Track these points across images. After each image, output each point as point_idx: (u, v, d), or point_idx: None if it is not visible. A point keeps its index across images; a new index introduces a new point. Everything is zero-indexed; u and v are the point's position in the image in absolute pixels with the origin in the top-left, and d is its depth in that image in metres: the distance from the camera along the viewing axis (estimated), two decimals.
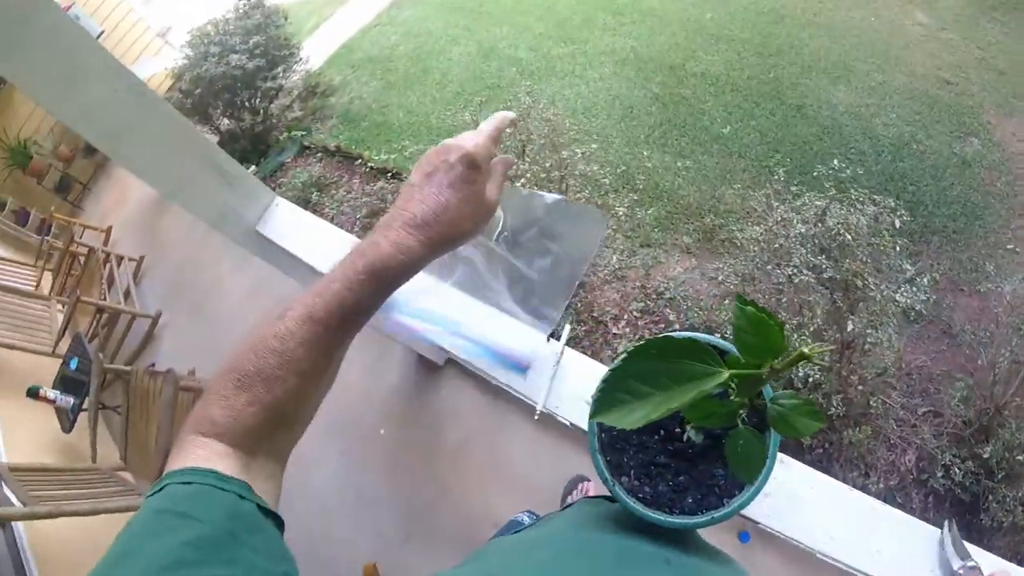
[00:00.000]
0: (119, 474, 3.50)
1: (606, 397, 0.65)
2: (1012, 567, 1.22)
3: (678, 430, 0.82)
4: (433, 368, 3.53)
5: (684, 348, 0.61)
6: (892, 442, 3.57)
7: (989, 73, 5.32)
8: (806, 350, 0.58)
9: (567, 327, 1.64)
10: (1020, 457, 2.97)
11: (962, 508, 3.20)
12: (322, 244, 1.94)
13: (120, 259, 5.25)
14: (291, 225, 2.01)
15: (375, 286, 0.65)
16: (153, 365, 3.64)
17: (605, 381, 0.66)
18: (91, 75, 1.47)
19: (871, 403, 3.50)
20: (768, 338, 0.60)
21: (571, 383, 1.50)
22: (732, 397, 0.67)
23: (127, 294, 4.97)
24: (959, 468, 3.19)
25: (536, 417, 1.52)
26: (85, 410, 3.75)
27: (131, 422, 3.42)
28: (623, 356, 0.65)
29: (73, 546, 3.32)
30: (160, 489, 0.54)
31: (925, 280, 3.50)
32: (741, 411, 0.70)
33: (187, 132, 1.75)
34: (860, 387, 3.50)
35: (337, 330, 0.64)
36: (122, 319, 4.84)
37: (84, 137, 1.58)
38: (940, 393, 3.69)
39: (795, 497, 1.31)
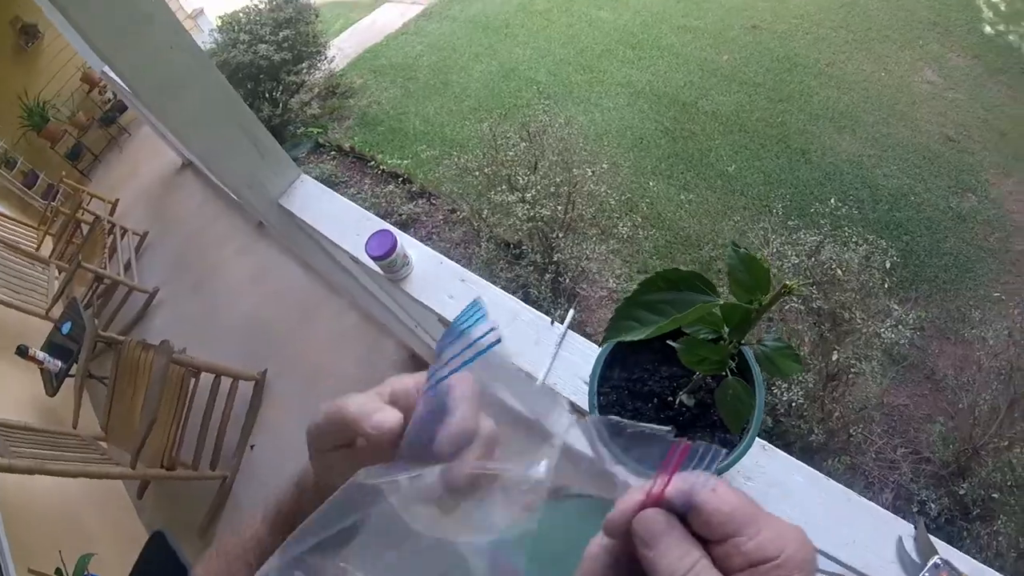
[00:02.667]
0: (99, 443, 3.47)
1: (617, 323, 0.69)
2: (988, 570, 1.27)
3: (671, 398, 0.89)
4: (424, 367, 3.51)
5: (687, 279, 0.68)
6: (870, 479, 3.64)
7: (991, 133, 5.48)
8: (789, 283, 0.66)
9: (571, 312, 1.70)
10: (995, 495, 3.06)
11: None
12: (343, 221, 1.99)
13: (124, 231, 5.26)
14: (314, 201, 2.08)
15: (295, 490, 0.58)
16: (144, 340, 3.69)
17: (617, 311, 0.70)
18: (151, 26, 1.55)
19: (851, 434, 3.58)
20: (757, 275, 0.67)
21: (571, 364, 1.56)
22: (724, 342, 0.74)
23: (127, 267, 4.96)
24: (934, 504, 3.28)
25: None
26: (72, 376, 3.74)
27: (117, 393, 3.37)
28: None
29: (44, 507, 3.30)
30: None
31: (910, 318, 3.60)
32: (731, 361, 0.76)
33: (229, 97, 1.82)
34: (841, 419, 3.57)
35: (271, 528, 0.58)
36: (119, 291, 4.84)
37: (132, 89, 1.64)
38: (920, 433, 3.78)
39: (776, 483, 1.33)
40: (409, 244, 1.82)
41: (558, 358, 1.57)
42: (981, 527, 3.09)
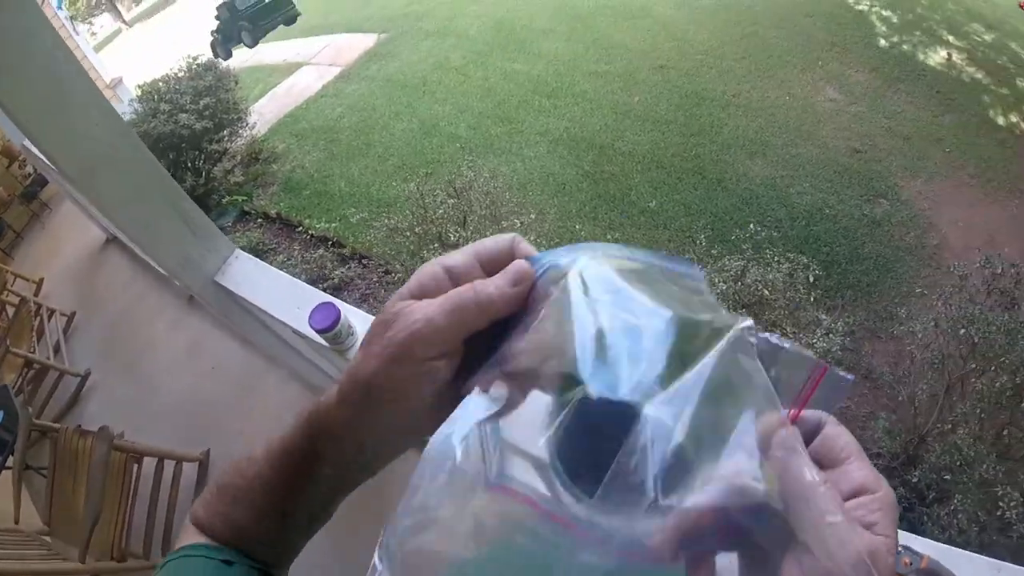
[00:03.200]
0: (43, 538, 3.23)
1: None
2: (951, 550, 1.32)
3: None
4: None
5: None
6: None
7: (895, 139, 5.84)
8: None
9: None
10: (947, 477, 3.15)
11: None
12: (283, 296, 1.94)
13: (51, 312, 4.96)
14: (251, 277, 2.02)
15: (307, 432, 0.53)
16: (79, 426, 3.50)
17: None
18: (76, 102, 1.50)
19: None
20: None
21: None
22: None
23: (56, 349, 4.69)
24: None
25: None
26: (9, 468, 3.50)
27: (57, 484, 3.15)
28: None
29: None
30: (163, 566, 0.56)
31: (839, 325, 3.71)
32: None
33: (158, 173, 1.77)
34: None
35: (278, 470, 0.54)
36: (50, 376, 4.51)
37: (59, 167, 1.58)
38: (865, 431, 3.88)
39: None
40: (353, 314, 1.78)
41: None
42: (939, 509, 3.17)
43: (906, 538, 1.29)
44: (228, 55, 7.06)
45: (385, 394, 0.46)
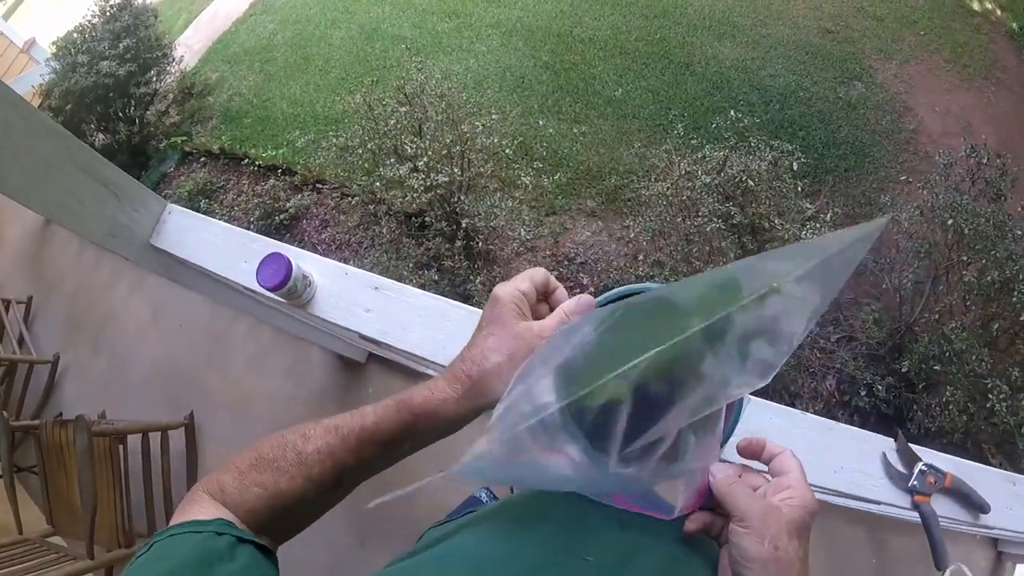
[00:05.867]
0: (50, 540, 3.11)
1: None
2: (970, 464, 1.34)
3: None
4: (355, 365, 3.36)
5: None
6: (812, 370, 3.75)
7: (868, 20, 5.61)
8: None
9: None
10: (936, 367, 3.13)
11: (888, 421, 3.39)
12: (226, 250, 1.77)
13: (7, 303, 4.74)
14: (188, 233, 1.83)
15: (401, 419, 0.65)
16: (60, 415, 3.33)
17: None
18: None
19: None
20: None
21: None
22: None
23: (21, 341, 4.43)
24: (880, 385, 3.35)
25: None
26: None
27: (50, 480, 3.04)
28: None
29: None
30: (148, 547, 0.58)
31: (828, 216, 3.61)
32: None
33: (66, 144, 1.56)
34: None
35: (353, 450, 0.65)
36: (20, 370, 4.31)
37: None
38: (852, 319, 3.89)
39: (755, 430, 1.28)
40: (305, 260, 1.61)
41: None
42: (929, 398, 3.20)
43: (930, 456, 1.33)
44: None
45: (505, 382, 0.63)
